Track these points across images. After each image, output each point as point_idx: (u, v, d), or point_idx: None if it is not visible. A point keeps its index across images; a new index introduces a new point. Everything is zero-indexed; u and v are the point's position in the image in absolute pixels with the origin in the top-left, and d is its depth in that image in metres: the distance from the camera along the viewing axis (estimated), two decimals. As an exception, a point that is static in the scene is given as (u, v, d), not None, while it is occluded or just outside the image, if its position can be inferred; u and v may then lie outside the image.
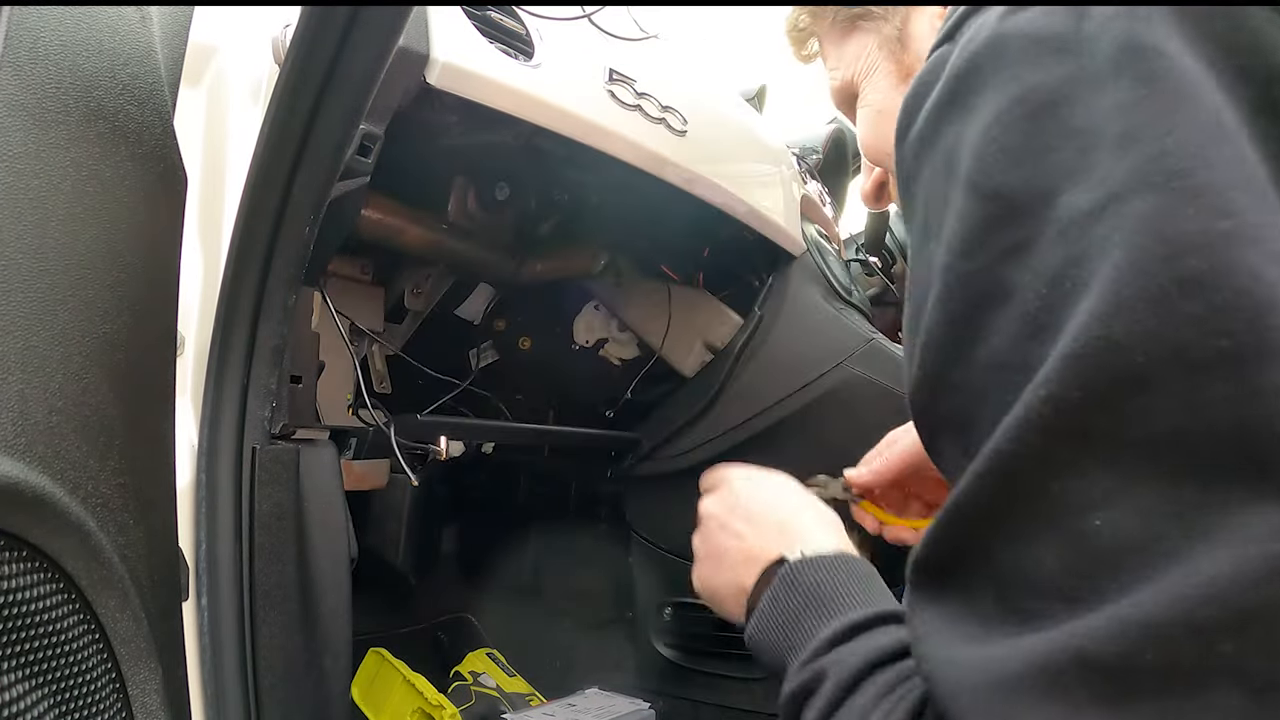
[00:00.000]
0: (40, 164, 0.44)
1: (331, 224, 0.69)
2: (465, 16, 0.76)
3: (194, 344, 0.68)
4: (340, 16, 0.56)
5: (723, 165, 1.07)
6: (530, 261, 1.19)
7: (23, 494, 0.40)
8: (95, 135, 0.48)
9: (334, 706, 0.75)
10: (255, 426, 0.68)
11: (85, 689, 0.45)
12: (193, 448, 0.67)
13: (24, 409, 0.41)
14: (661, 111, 0.96)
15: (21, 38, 0.43)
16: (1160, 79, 0.30)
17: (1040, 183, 0.31)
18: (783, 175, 1.27)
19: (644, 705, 1.19)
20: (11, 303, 0.41)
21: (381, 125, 0.70)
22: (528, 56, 0.81)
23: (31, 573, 0.41)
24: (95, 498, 0.46)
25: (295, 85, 0.60)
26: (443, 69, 0.71)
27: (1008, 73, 0.33)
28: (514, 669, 1.40)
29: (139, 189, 0.52)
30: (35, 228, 0.43)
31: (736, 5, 1.80)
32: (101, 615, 0.46)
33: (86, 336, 0.46)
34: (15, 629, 0.40)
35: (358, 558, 0.83)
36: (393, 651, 1.27)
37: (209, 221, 0.71)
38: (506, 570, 1.52)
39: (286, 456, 0.71)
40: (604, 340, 1.39)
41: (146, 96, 0.52)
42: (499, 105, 0.78)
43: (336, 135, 0.62)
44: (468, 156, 1.02)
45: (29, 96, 0.44)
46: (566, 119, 0.83)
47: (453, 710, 1.17)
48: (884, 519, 0.92)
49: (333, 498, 0.77)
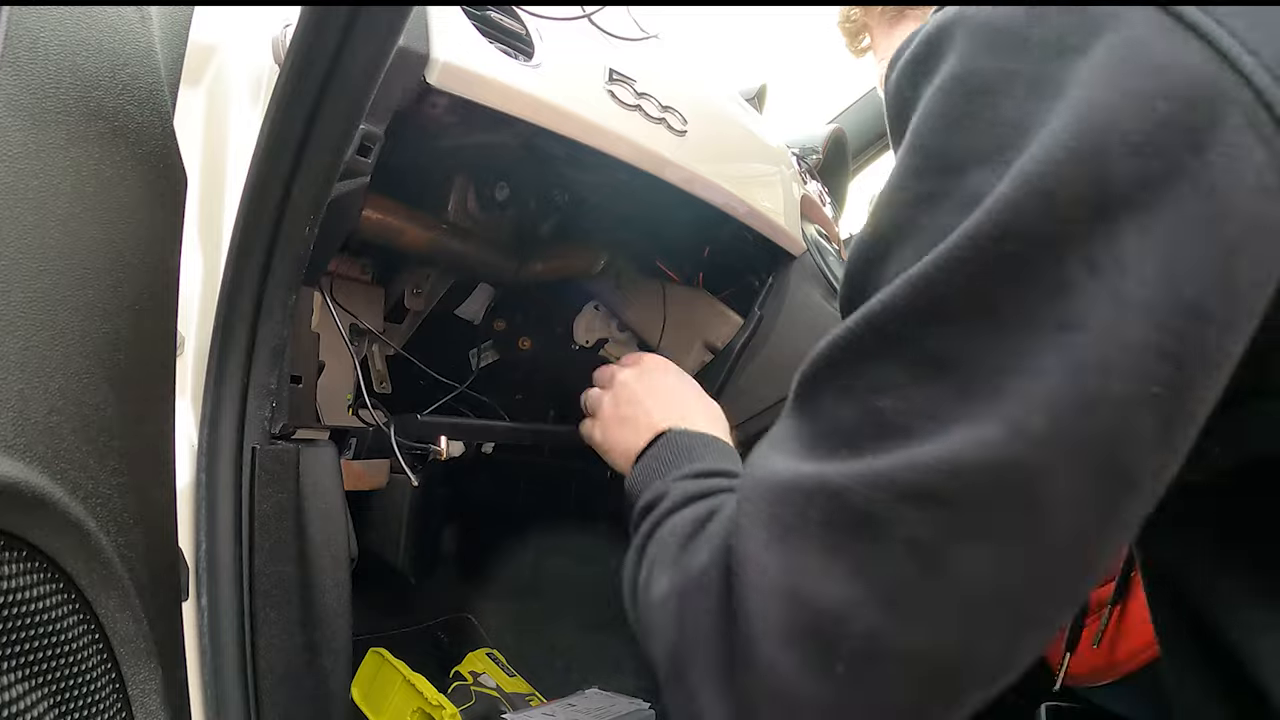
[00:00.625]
0: (40, 164, 0.44)
1: (331, 224, 0.69)
2: (465, 16, 0.76)
3: (194, 344, 0.68)
4: (340, 16, 0.56)
5: (723, 165, 1.07)
6: (530, 261, 1.19)
7: (22, 494, 0.40)
8: (95, 135, 0.48)
9: (334, 706, 0.75)
10: (255, 426, 0.68)
11: (85, 689, 0.45)
12: (193, 448, 0.67)
13: (24, 409, 0.41)
14: (661, 111, 0.96)
15: (21, 38, 0.43)
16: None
17: (958, 154, 0.37)
18: (783, 175, 1.27)
19: (644, 705, 1.19)
20: (11, 303, 0.41)
21: (381, 125, 0.70)
22: (528, 56, 0.81)
23: (31, 573, 0.41)
24: (95, 498, 0.46)
25: (295, 85, 0.59)
26: (443, 69, 0.71)
27: (963, 48, 0.38)
28: (514, 669, 1.40)
29: (139, 189, 0.52)
30: (35, 228, 0.43)
31: (736, 5, 1.80)
32: (101, 615, 0.46)
33: (86, 336, 0.46)
34: (15, 629, 0.40)
35: (358, 558, 0.83)
36: (393, 651, 1.27)
37: (209, 221, 0.71)
38: (506, 570, 1.52)
39: (286, 456, 0.71)
40: (604, 340, 1.39)
41: (146, 96, 0.52)
42: (499, 105, 0.78)
43: (336, 135, 0.62)
44: (468, 156, 1.02)
45: (29, 96, 0.44)
46: (566, 119, 0.83)
47: (453, 710, 1.17)
48: None
49: (333, 498, 0.77)
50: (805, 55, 2.29)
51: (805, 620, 0.36)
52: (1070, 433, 0.32)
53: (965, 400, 0.34)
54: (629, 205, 1.12)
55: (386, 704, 1.22)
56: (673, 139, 0.97)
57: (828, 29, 0.85)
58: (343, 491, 0.80)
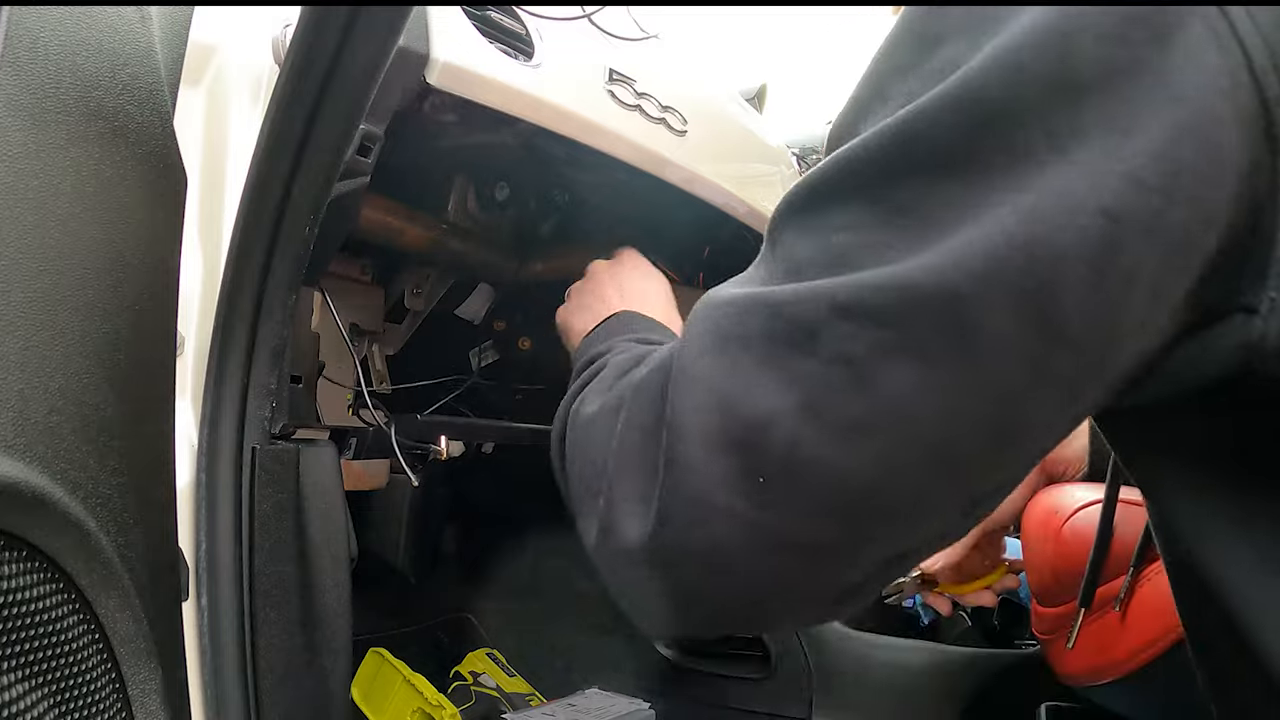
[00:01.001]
0: (40, 164, 0.44)
1: (331, 224, 0.69)
2: (465, 16, 0.76)
3: (194, 344, 0.68)
4: (340, 16, 0.56)
5: (723, 165, 1.07)
6: (530, 261, 1.19)
7: (22, 494, 0.40)
8: (95, 135, 0.48)
9: (334, 706, 0.75)
10: (255, 426, 0.68)
11: (85, 689, 0.45)
12: (193, 448, 0.67)
13: (24, 409, 0.41)
14: (661, 111, 0.96)
15: (21, 38, 0.43)
16: None
17: (937, 28, 0.39)
18: (783, 175, 1.27)
19: (644, 705, 1.19)
20: (11, 303, 0.41)
21: (381, 125, 0.70)
22: (528, 56, 0.81)
23: (31, 573, 0.41)
24: (95, 498, 0.46)
25: (295, 85, 0.60)
26: (443, 69, 0.71)
27: None
28: (514, 669, 1.40)
29: (139, 189, 0.52)
30: (35, 228, 0.43)
31: (736, 5, 1.80)
32: (101, 615, 0.46)
33: (86, 336, 0.46)
34: (15, 629, 0.40)
35: (358, 557, 0.83)
36: (393, 651, 1.27)
37: (209, 221, 0.71)
38: (506, 570, 1.52)
39: (286, 456, 0.71)
40: (604, 340, 1.39)
41: (146, 96, 0.52)
42: (499, 105, 0.78)
43: (336, 135, 0.62)
44: (468, 156, 1.02)
45: (29, 96, 0.44)
46: (566, 119, 0.83)
47: (453, 710, 1.17)
48: (955, 592, 0.98)
49: (333, 498, 0.77)
50: (805, 55, 2.29)
51: (733, 428, 0.38)
52: (1006, 273, 0.34)
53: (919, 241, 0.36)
54: (629, 205, 1.13)
55: (386, 704, 1.22)
56: (673, 139, 0.97)
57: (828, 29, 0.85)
58: (343, 491, 0.80)
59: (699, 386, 0.39)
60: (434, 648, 1.46)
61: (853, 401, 0.36)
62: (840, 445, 0.36)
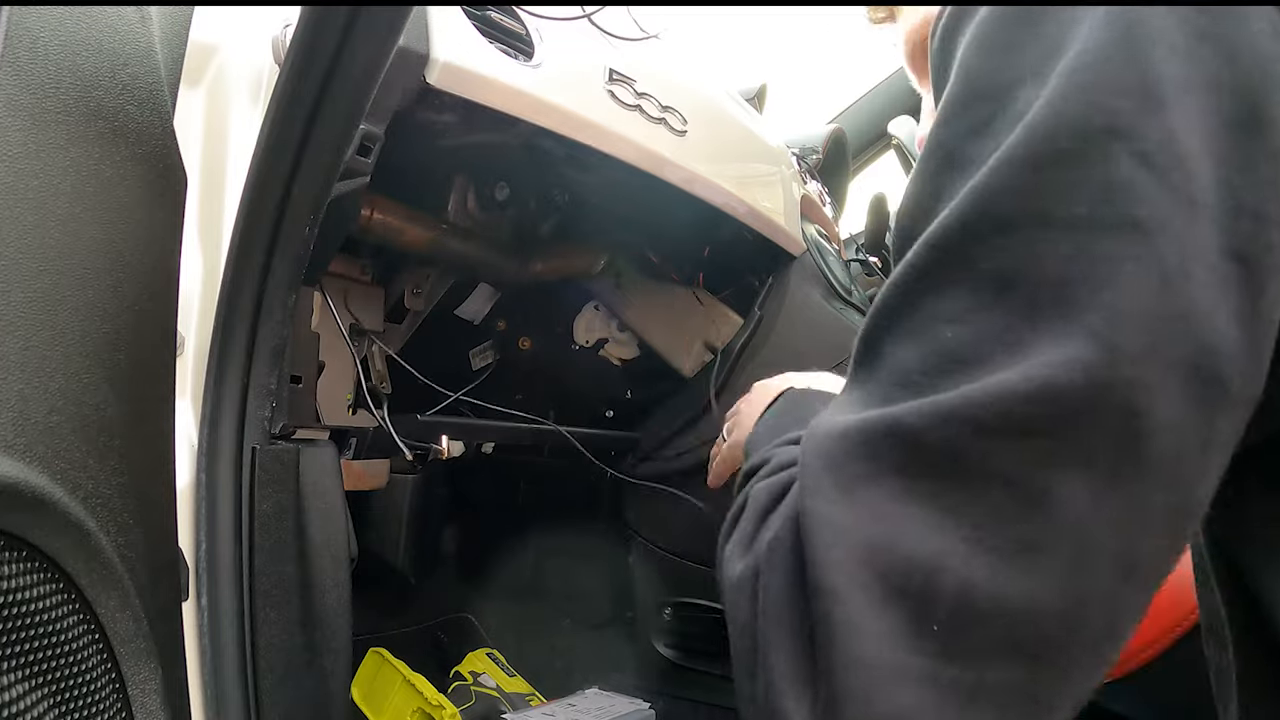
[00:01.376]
0: (40, 164, 0.44)
1: (331, 224, 0.69)
2: (465, 16, 0.76)
3: (194, 344, 0.68)
4: (340, 16, 0.56)
5: (723, 165, 1.07)
6: (530, 261, 1.19)
7: (23, 494, 0.40)
8: (95, 135, 0.48)
9: (334, 706, 0.75)
10: (255, 426, 0.68)
11: (85, 689, 0.45)
12: (193, 448, 0.67)
13: (24, 409, 0.41)
14: (661, 111, 0.96)
15: (21, 38, 0.43)
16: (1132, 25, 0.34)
17: (1003, 79, 0.36)
18: (783, 175, 1.27)
19: (644, 705, 1.19)
20: (11, 303, 0.41)
21: (381, 125, 0.70)
22: (528, 56, 0.81)
23: (31, 573, 0.41)
24: (95, 498, 0.46)
25: (295, 85, 0.59)
26: (443, 69, 0.71)
27: None
28: (514, 669, 1.40)
29: (139, 189, 0.52)
30: (35, 228, 0.43)
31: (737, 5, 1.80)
32: (101, 615, 0.46)
33: (86, 336, 0.46)
34: (15, 629, 0.40)
35: (358, 557, 0.83)
36: (393, 651, 1.27)
37: (209, 221, 0.71)
38: (506, 570, 1.52)
39: (286, 456, 0.71)
40: (604, 340, 1.39)
41: (146, 96, 0.52)
42: (499, 105, 0.78)
43: (336, 135, 0.62)
44: (468, 156, 1.02)
45: (29, 96, 0.44)
46: (566, 119, 0.83)
47: (453, 710, 1.17)
48: None
49: (333, 498, 0.77)
50: (805, 55, 2.29)
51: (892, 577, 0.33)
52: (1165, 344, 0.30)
53: (1035, 317, 0.31)
54: (629, 205, 1.13)
55: (386, 704, 1.22)
56: (673, 139, 0.97)
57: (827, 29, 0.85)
58: (343, 491, 0.80)
59: (839, 539, 0.34)
60: (434, 648, 1.46)
61: (1022, 526, 0.31)
62: (1016, 578, 0.31)
